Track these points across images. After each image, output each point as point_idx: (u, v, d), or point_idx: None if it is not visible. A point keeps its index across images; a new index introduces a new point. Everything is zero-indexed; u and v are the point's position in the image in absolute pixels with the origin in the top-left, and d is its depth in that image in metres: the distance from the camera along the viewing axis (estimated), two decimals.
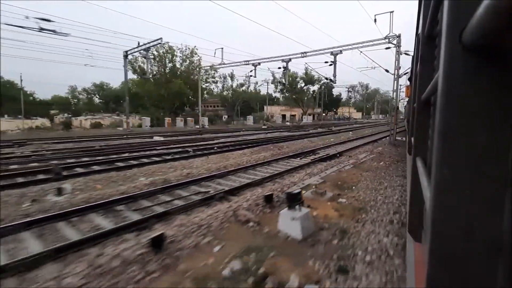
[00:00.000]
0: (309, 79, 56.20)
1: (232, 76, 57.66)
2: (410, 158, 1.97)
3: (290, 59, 20.61)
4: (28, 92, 55.76)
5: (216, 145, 12.96)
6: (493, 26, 0.30)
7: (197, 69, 40.13)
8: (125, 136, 18.77)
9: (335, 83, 18.78)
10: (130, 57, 44.65)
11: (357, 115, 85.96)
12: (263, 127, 31.07)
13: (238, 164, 8.65)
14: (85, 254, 3.13)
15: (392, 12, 16.01)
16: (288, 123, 42.97)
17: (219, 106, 63.22)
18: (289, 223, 3.73)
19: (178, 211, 4.64)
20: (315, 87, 58.77)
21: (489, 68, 0.38)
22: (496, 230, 0.38)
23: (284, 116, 53.99)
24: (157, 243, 3.08)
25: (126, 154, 10.64)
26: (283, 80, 26.63)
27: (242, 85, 58.90)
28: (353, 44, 17.65)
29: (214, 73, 48.50)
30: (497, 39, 0.34)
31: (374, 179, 6.70)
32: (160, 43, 21.93)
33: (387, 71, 17.35)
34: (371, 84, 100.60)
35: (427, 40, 1.22)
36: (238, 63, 24.15)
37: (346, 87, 66.15)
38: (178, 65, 47.23)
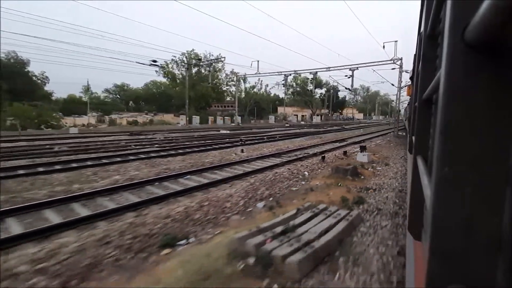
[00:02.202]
0: (318, 83, 62.43)
1: (244, 79, 63.75)
2: (411, 157, 1.94)
3: (316, 72, 26.65)
4: (48, 91, 61.41)
5: (277, 135, 18.98)
6: (497, 23, 0.30)
7: (235, 78, 46.42)
8: (192, 130, 24.74)
9: (353, 92, 24.77)
10: (162, 62, 50.98)
11: (359, 116, 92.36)
12: (286, 125, 37.12)
13: (307, 144, 14.64)
14: (300, 162, 9.17)
15: (396, 41, 22.09)
16: (302, 122, 49.04)
17: (232, 106, 69.32)
18: (361, 157, 9.71)
19: (310, 156, 10.63)
20: (322, 90, 65.08)
21: (492, 65, 0.38)
22: (496, 227, 0.39)
23: (296, 116, 60.05)
24: (323, 159, 9.11)
25: (227, 139, 16.60)
26: (294, 84, 32.35)
27: (253, 87, 65.02)
28: (367, 63, 23.75)
29: (233, 77, 54.92)
30: (501, 37, 0.34)
31: (389, 150, 12.75)
32: (221, 60, 27.99)
33: (392, 85, 23.44)
34: (372, 87, 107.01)
35: (429, 38, 1.22)
36: (272, 73, 30.16)
37: (350, 90, 72.69)
38: (202, 70, 53.52)
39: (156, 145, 13.21)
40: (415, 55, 2.69)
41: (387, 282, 2.57)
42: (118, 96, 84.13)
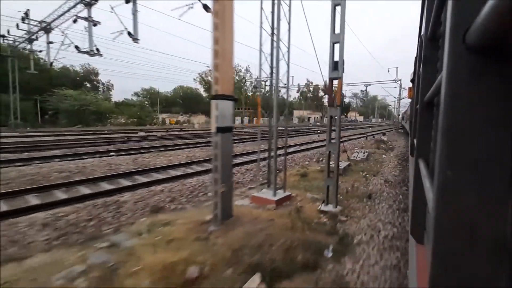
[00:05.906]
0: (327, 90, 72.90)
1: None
2: (412, 160, 1.91)
3: None
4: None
5: (318, 131, 28.96)
6: (498, 26, 0.30)
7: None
8: (255, 127, 34.57)
9: (366, 100, 35.02)
10: (199, 71, 61.27)
11: (360, 118, 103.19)
12: (310, 124, 47.30)
13: (347, 135, 24.63)
14: (353, 140, 19.30)
15: (397, 67, 32.46)
16: (318, 123, 59.33)
17: (245, 108, 79.34)
18: (384, 138, 19.80)
19: (356, 138, 20.66)
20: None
21: (494, 68, 0.38)
22: (500, 231, 0.39)
23: (308, 118, 70.46)
24: (366, 138, 19.25)
25: (293, 132, 26.45)
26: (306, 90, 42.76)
27: (266, 91, 75.21)
28: (377, 81, 34.08)
29: (256, 83, 65.59)
30: (502, 39, 0.34)
31: (395, 137, 23.00)
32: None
33: (395, 97, 33.82)
34: (371, 92, 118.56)
35: (429, 41, 1.23)
36: (303, 85, 40.22)
37: (352, 93, 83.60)
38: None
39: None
40: (415, 57, 2.79)
41: (406, 151, 12.65)
42: (145, 99, 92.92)
